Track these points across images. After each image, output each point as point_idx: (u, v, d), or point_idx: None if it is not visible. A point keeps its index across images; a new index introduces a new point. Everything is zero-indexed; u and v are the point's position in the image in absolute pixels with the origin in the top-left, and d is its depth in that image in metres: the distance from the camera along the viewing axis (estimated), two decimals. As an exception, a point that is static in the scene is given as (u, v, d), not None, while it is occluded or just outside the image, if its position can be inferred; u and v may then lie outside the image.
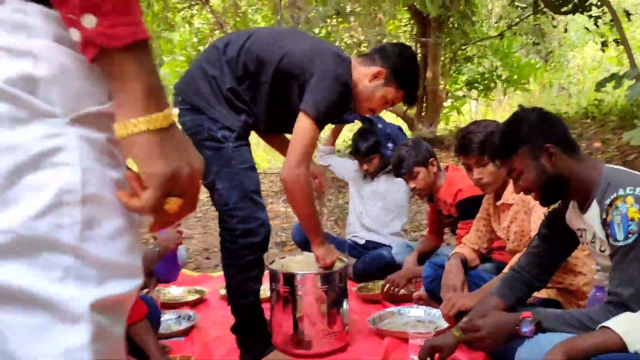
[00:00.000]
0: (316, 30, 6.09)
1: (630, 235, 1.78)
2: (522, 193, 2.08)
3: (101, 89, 0.74)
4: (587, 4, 5.85)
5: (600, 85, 3.51)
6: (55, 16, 0.70)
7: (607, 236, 1.87)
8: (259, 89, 2.21)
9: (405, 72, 2.34)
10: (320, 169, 2.68)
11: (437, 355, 2.08)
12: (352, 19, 6.56)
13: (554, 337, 1.78)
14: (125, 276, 0.75)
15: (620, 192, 1.82)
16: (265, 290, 2.46)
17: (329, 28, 6.35)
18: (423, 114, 8.55)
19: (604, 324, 1.68)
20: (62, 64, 0.71)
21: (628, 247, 1.79)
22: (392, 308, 2.93)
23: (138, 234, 0.79)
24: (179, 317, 2.94)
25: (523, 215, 2.62)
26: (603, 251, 1.96)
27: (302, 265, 2.49)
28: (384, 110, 2.59)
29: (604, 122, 7.08)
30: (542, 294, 2.46)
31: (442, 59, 8.53)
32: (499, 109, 13.82)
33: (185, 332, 2.75)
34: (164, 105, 0.73)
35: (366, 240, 3.77)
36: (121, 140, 0.73)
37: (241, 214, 2.18)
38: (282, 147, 2.48)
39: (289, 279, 2.39)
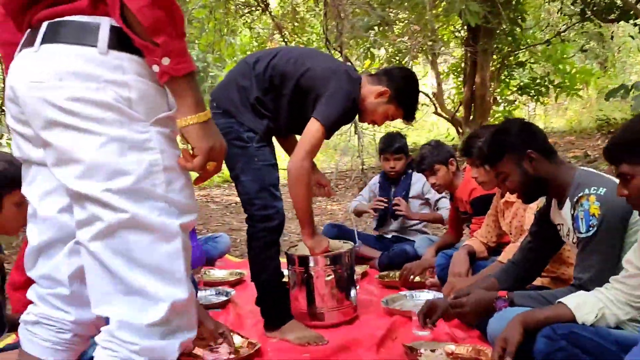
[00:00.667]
0: (360, 41, 6.42)
1: (590, 229, 2.07)
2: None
3: (164, 103, 1.22)
4: (631, 12, 5.93)
5: (609, 95, 3.71)
6: (136, 60, 1.17)
7: (574, 229, 2.16)
8: (281, 99, 2.62)
9: (406, 94, 2.75)
10: (327, 179, 3.07)
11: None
12: (396, 27, 6.85)
13: (520, 310, 2.09)
14: (190, 212, 1.25)
15: (586, 191, 2.11)
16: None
17: (373, 37, 6.65)
18: (471, 118, 8.74)
19: (559, 299, 1.97)
20: (143, 90, 1.18)
21: (588, 238, 2.08)
22: (406, 292, 3.26)
23: (192, 186, 1.30)
24: (218, 292, 3.38)
25: (522, 212, 2.92)
26: (575, 243, 2.24)
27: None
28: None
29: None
30: (537, 282, 2.74)
31: (491, 64, 8.69)
32: (557, 113, 13.74)
33: (222, 305, 3.19)
34: (204, 108, 1.20)
35: (392, 235, 4.11)
36: (181, 130, 1.21)
37: (260, 202, 2.60)
38: (292, 149, 2.83)
39: (303, 260, 2.80)
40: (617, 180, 1.83)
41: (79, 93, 1.12)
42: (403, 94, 2.73)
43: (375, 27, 6.68)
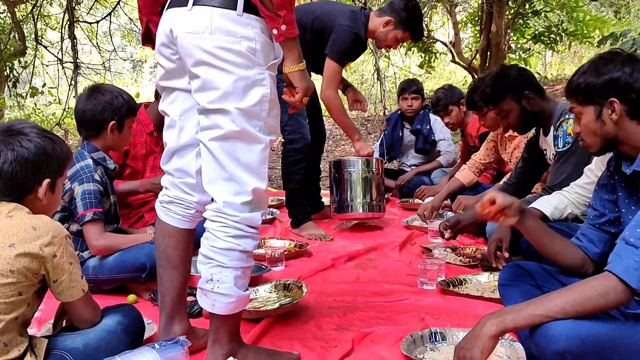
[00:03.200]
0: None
1: (566, 144, 2.64)
2: None
3: (272, 53, 1.68)
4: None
5: (600, 42, 4.18)
6: (260, 20, 1.62)
7: (554, 146, 2.72)
8: (305, 45, 3.36)
9: (409, 18, 3.43)
10: (362, 95, 3.75)
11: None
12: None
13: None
14: (276, 133, 1.74)
15: (566, 116, 2.67)
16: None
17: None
18: (487, 65, 9.15)
19: (532, 205, 2.56)
20: (263, 42, 1.64)
21: (563, 152, 2.66)
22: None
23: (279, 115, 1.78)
24: (266, 213, 4.01)
25: (523, 145, 3.48)
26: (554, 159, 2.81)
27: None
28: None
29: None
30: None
31: (507, 13, 9.03)
32: (572, 61, 14.01)
33: (270, 222, 3.85)
34: (303, 60, 1.68)
35: (412, 167, 4.75)
36: (287, 74, 1.69)
37: (289, 128, 3.41)
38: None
39: (337, 164, 3.62)
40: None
41: (223, 43, 1.59)
42: (406, 19, 3.43)
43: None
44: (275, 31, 1.61)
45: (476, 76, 9.23)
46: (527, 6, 9.26)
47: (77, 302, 1.60)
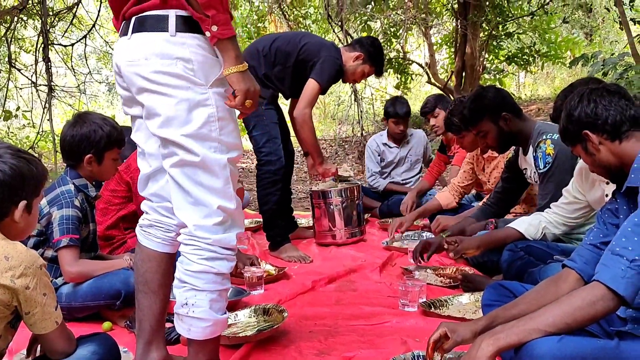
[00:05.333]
0: (357, 15, 6.88)
1: (547, 165, 2.66)
2: None
3: (217, 69, 1.61)
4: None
5: (572, 64, 4.26)
6: (195, 36, 1.58)
7: (535, 167, 2.75)
8: (287, 70, 3.48)
9: (375, 55, 3.64)
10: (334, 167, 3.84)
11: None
12: (391, 0, 7.31)
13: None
14: (236, 149, 1.68)
15: (544, 137, 2.69)
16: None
17: (370, 12, 7.11)
18: (462, 86, 9.28)
19: (509, 225, 2.58)
20: (201, 60, 1.60)
21: (545, 173, 2.68)
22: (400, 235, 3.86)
23: (239, 130, 1.74)
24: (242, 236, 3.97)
25: (503, 165, 3.50)
26: (537, 182, 2.83)
27: (330, 187, 3.78)
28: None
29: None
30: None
31: (481, 35, 9.20)
32: (545, 82, 14.28)
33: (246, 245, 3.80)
34: (242, 61, 1.59)
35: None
36: (226, 77, 1.59)
37: (265, 150, 3.45)
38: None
39: (318, 194, 3.74)
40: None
41: (159, 67, 1.57)
42: (373, 55, 3.63)
43: (373, 2, 7.17)
44: (208, 34, 1.56)
45: (452, 97, 9.35)
46: (500, 28, 9.45)
47: (50, 334, 1.55)
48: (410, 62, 10.69)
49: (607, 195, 2.16)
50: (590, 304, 1.42)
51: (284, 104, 3.95)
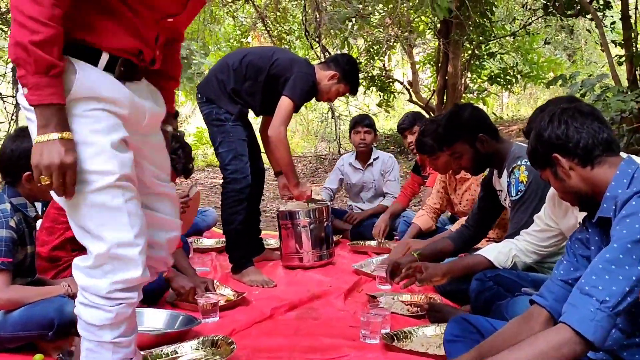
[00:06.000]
0: (338, 32, 6.80)
1: (519, 193, 2.53)
2: None
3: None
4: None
5: (549, 84, 4.18)
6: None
7: (508, 194, 2.61)
8: (257, 85, 3.34)
9: (350, 74, 3.51)
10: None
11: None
12: (373, 17, 7.22)
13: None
14: (103, 175, 1.44)
15: (518, 162, 2.56)
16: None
17: (350, 30, 7.02)
18: (444, 105, 9.20)
19: (478, 252, 2.44)
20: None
21: (517, 201, 2.54)
22: (373, 258, 3.70)
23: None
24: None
25: (475, 187, 3.37)
26: (509, 206, 2.70)
27: (298, 206, 3.59)
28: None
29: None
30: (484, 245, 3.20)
31: (463, 54, 9.14)
32: (528, 102, 14.30)
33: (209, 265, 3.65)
34: (46, 132, 1.36)
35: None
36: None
37: (231, 168, 3.30)
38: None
39: (287, 215, 3.55)
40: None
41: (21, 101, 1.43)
42: (348, 74, 3.50)
43: (353, 19, 7.08)
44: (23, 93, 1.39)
45: (433, 116, 9.26)
46: (482, 48, 9.41)
47: None
48: (393, 80, 10.62)
49: (579, 224, 2.02)
50: (556, 348, 1.32)
51: (255, 119, 3.80)
